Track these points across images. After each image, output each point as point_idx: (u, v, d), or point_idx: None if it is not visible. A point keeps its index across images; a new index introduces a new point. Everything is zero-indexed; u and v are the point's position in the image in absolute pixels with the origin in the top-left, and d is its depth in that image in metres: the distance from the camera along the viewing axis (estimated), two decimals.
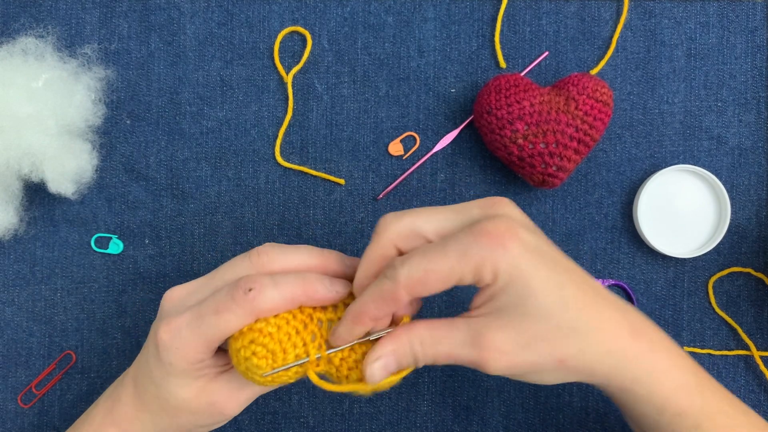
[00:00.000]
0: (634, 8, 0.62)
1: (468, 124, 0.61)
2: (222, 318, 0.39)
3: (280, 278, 0.40)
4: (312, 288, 0.40)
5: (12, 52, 0.56)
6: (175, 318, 0.41)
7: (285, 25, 0.61)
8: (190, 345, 0.40)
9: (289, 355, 0.39)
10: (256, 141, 0.61)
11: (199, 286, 0.42)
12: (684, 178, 0.61)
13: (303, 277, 0.40)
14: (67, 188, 0.57)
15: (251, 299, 0.38)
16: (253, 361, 0.39)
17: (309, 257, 0.42)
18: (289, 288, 0.39)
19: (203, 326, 0.39)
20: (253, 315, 0.39)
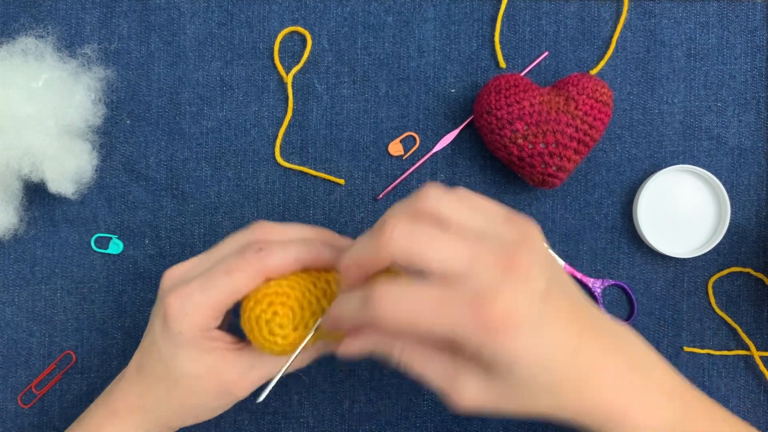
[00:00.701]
0: (634, 8, 0.62)
1: (468, 124, 0.61)
2: (233, 277, 0.40)
3: (286, 242, 0.41)
4: (316, 250, 0.41)
5: (12, 52, 0.56)
6: (184, 287, 0.41)
7: (285, 25, 0.61)
8: (201, 308, 0.40)
9: (306, 312, 0.40)
10: (256, 141, 0.61)
11: (200, 262, 0.43)
12: (684, 178, 0.61)
13: (306, 241, 0.42)
14: (67, 188, 0.57)
15: (262, 257, 0.39)
16: (275, 321, 0.40)
17: (304, 232, 0.43)
18: (296, 249, 0.41)
19: (215, 288, 0.40)
20: (263, 273, 0.40)
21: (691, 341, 0.62)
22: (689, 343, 0.62)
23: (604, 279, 0.61)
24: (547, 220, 0.61)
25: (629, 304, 0.62)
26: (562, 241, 0.61)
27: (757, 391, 0.61)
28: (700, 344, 0.62)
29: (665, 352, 0.61)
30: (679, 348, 0.61)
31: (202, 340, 0.41)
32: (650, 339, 0.61)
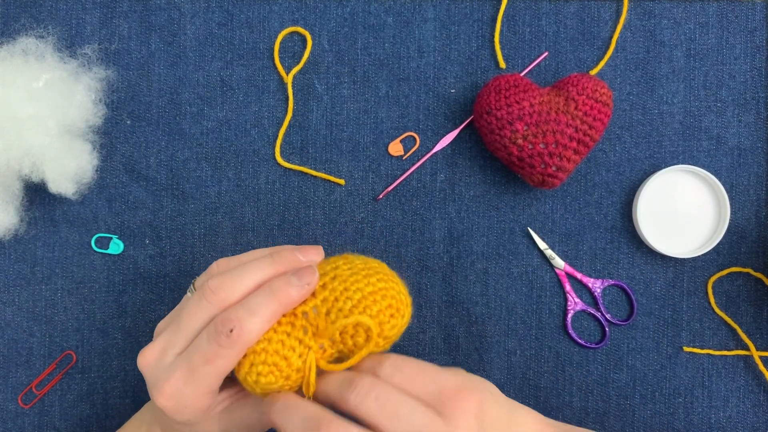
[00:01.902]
0: (634, 9, 0.62)
1: (468, 125, 0.61)
2: (215, 365, 0.39)
3: (252, 302, 0.39)
4: (285, 295, 0.39)
5: (13, 53, 0.56)
6: (167, 381, 0.40)
7: (285, 25, 0.61)
8: (196, 400, 0.40)
9: (291, 359, 0.39)
10: (256, 141, 0.61)
11: (168, 341, 0.41)
12: (683, 178, 0.61)
13: (271, 289, 0.39)
14: (67, 188, 0.57)
15: (236, 338, 0.38)
16: (261, 381, 0.39)
17: (262, 272, 0.41)
18: (265, 308, 0.39)
19: (200, 379, 0.39)
20: (243, 351, 0.39)
21: (690, 341, 0.62)
22: (689, 343, 0.62)
23: (604, 279, 0.61)
24: (547, 220, 0.62)
25: (629, 304, 0.62)
26: (562, 241, 0.61)
27: (757, 391, 0.61)
28: (700, 344, 0.62)
29: (665, 352, 0.61)
30: (678, 348, 0.61)
31: (211, 411, 0.42)
32: (650, 339, 0.61)
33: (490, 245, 0.61)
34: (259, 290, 0.40)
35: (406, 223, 0.61)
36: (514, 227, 0.62)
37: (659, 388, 0.61)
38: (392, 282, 0.42)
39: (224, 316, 0.39)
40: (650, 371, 0.61)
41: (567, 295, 0.61)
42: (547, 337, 0.61)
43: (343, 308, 0.40)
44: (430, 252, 0.61)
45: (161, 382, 0.40)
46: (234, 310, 0.39)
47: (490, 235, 0.61)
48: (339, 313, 0.40)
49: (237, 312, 0.39)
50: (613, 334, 0.61)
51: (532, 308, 0.61)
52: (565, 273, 0.61)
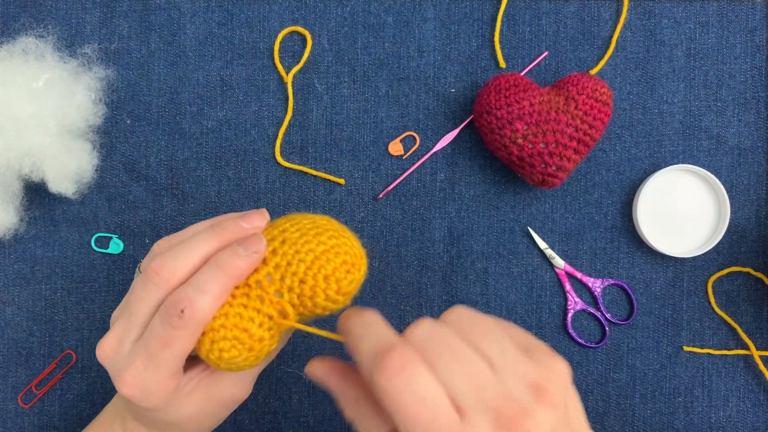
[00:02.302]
0: (634, 8, 0.62)
1: (468, 124, 0.61)
2: (173, 348, 0.38)
3: (200, 279, 0.38)
4: (233, 267, 0.38)
5: (12, 52, 0.56)
6: (128, 371, 0.39)
7: (285, 25, 0.61)
8: (160, 385, 0.39)
9: (251, 330, 0.39)
10: (256, 141, 0.61)
11: (123, 329, 0.40)
12: (683, 177, 0.61)
13: (218, 263, 0.38)
14: (67, 188, 0.57)
15: (188, 318, 0.37)
16: (225, 357, 0.39)
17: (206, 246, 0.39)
18: (214, 284, 0.38)
19: (161, 364, 0.38)
20: (199, 330, 0.38)
21: (690, 341, 0.62)
22: (689, 342, 0.62)
23: (604, 279, 0.61)
24: (547, 220, 0.62)
25: (629, 304, 0.62)
26: (562, 241, 0.61)
27: (757, 391, 0.61)
28: (700, 344, 0.62)
29: (665, 351, 0.61)
30: (678, 347, 0.61)
31: (180, 391, 0.41)
32: (650, 338, 0.61)
33: (490, 245, 0.61)
34: (206, 266, 0.38)
35: (406, 223, 0.61)
36: (514, 227, 0.62)
37: (659, 388, 0.61)
38: (344, 237, 0.41)
39: (173, 297, 0.37)
40: (650, 371, 0.61)
41: (567, 294, 0.61)
42: (547, 337, 0.61)
43: (297, 271, 0.39)
44: (430, 252, 0.61)
45: (122, 372, 0.39)
46: (182, 290, 0.38)
47: (490, 235, 0.61)
48: (293, 276, 0.39)
49: (186, 291, 0.37)
50: (613, 333, 0.62)
51: (532, 308, 0.61)
52: (565, 272, 0.61)
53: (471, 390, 0.31)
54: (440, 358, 0.32)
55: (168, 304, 0.37)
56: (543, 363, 0.33)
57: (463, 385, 0.31)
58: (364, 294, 0.61)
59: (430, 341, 0.33)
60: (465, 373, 0.32)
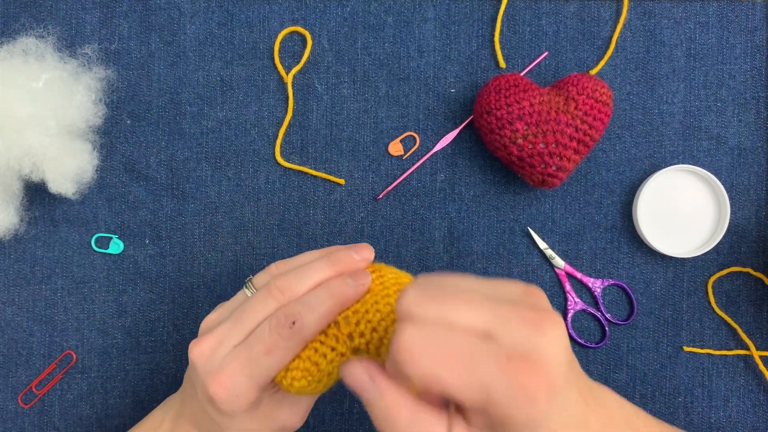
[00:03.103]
0: (634, 8, 0.62)
1: (468, 124, 0.61)
2: (275, 357, 0.40)
3: (312, 299, 0.41)
4: (341, 294, 0.41)
5: (12, 53, 0.56)
6: (224, 370, 0.41)
7: (285, 25, 0.61)
8: (249, 390, 0.41)
9: (321, 365, 0.41)
10: (256, 141, 0.61)
11: (227, 333, 0.42)
12: (683, 178, 0.61)
13: (330, 288, 0.41)
14: (67, 188, 0.57)
15: (298, 331, 0.39)
16: (295, 384, 0.41)
17: (323, 272, 0.42)
18: (323, 306, 0.40)
19: (258, 369, 0.40)
20: (302, 345, 0.40)
21: (690, 341, 0.62)
22: (689, 342, 0.62)
23: (604, 279, 0.61)
24: (547, 220, 0.62)
25: (629, 304, 0.62)
26: (562, 241, 0.61)
27: (757, 391, 0.61)
28: (700, 344, 0.62)
29: (665, 351, 0.61)
30: (678, 348, 0.61)
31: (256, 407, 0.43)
32: (650, 339, 0.61)
33: (490, 245, 0.61)
34: (318, 288, 0.41)
35: (406, 223, 0.61)
36: (514, 227, 0.62)
37: (659, 388, 0.61)
38: None
39: (287, 310, 0.40)
40: (650, 371, 0.61)
41: (567, 294, 0.61)
42: None
43: (372, 320, 0.41)
44: (430, 252, 0.61)
45: (216, 371, 0.41)
46: (295, 305, 0.40)
47: (490, 235, 0.61)
48: (368, 324, 0.41)
49: (298, 307, 0.40)
50: (613, 333, 0.62)
51: None
52: (565, 273, 0.61)
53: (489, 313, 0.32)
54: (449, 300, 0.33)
55: (280, 315, 0.40)
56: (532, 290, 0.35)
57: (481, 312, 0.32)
58: None
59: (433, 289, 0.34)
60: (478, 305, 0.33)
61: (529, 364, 0.30)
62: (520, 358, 0.30)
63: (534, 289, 0.35)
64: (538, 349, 0.31)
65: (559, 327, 0.32)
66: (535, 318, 0.32)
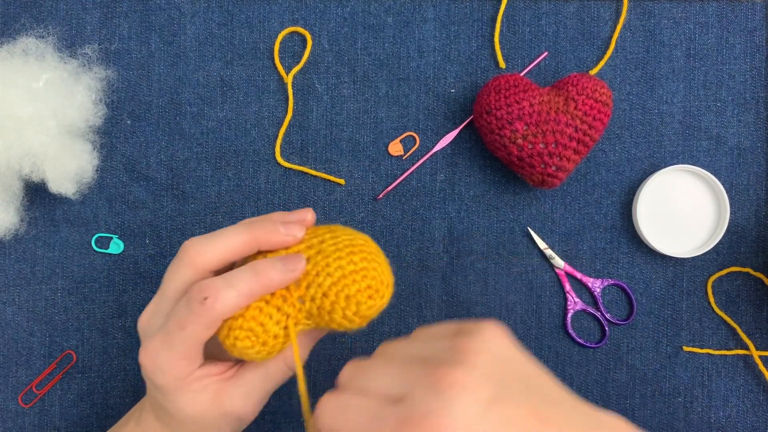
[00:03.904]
0: (634, 8, 0.62)
1: (468, 124, 0.61)
2: (188, 332, 0.39)
3: (232, 276, 0.39)
4: (266, 277, 0.40)
5: (13, 53, 0.56)
6: (150, 341, 0.41)
7: (285, 25, 0.62)
8: (171, 363, 0.40)
9: (267, 326, 0.40)
10: (256, 141, 0.61)
11: (157, 304, 0.42)
12: (683, 178, 0.61)
13: (255, 269, 0.40)
14: (67, 188, 0.57)
15: (209, 307, 0.38)
16: (238, 345, 0.40)
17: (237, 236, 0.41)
18: (244, 284, 0.39)
19: (175, 343, 0.40)
20: (216, 320, 0.39)
21: (690, 341, 0.62)
22: (689, 342, 0.62)
23: (603, 279, 0.62)
24: (547, 220, 0.62)
25: (629, 304, 0.62)
26: (562, 241, 0.62)
27: (757, 391, 0.61)
28: (700, 344, 0.62)
29: (665, 351, 0.61)
30: (678, 347, 0.61)
31: (189, 384, 0.41)
32: (650, 339, 0.61)
33: (490, 245, 0.61)
34: (243, 267, 0.40)
35: (406, 223, 0.61)
36: (514, 227, 0.62)
37: (659, 388, 0.61)
38: (375, 262, 0.42)
39: (201, 284, 0.39)
40: (650, 371, 0.61)
41: (567, 294, 0.61)
42: (546, 337, 0.61)
43: (323, 284, 0.40)
44: (430, 252, 0.61)
45: (145, 341, 0.41)
46: (215, 280, 0.39)
47: (490, 235, 0.61)
48: (318, 288, 0.40)
49: (215, 282, 0.39)
50: (613, 333, 0.62)
51: (531, 308, 0.61)
52: (565, 273, 0.61)
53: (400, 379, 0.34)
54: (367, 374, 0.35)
55: (194, 289, 0.39)
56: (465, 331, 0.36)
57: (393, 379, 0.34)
58: None
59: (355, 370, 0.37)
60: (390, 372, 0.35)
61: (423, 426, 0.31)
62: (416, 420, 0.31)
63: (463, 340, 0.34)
64: (435, 410, 0.31)
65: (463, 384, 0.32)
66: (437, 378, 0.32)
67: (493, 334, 0.36)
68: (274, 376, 0.44)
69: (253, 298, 0.40)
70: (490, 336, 0.35)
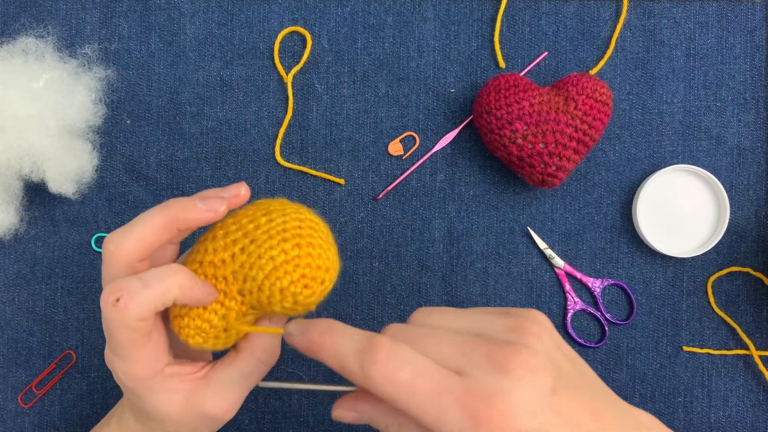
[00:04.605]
0: (634, 8, 0.62)
1: (468, 124, 0.61)
2: (114, 338, 0.37)
3: (149, 277, 0.37)
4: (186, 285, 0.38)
5: (12, 53, 0.56)
6: (106, 347, 0.40)
7: (285, 25, 0.62)
8: (126, 368, 0.39)
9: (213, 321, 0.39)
10: (256, 141, 0.61)
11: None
12: (683, 177, 0.61)
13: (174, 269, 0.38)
14: (67, 188, 0.57)
15: (122, 309, 0.36)
16: (191, 342, 0.40)
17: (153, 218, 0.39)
18: (161, 285, 0.37)
19: (117, 350, 0.38)
20: (134, 322, 0.37)
21: (690, 341, 0.62)
22: (689, 342, 0.62)
23: (603, 279, 0.62)
24: (546, 220, 0.62)
25: (629, 304, 0.62)
26: (562, 241, 0.62)
27: (757, 391, 0.61)
28: (700, 344, 0.62)
29: (665, 351, 0.61)
30: (678, 347, 0.61)
31: (158, 385, 0.40)
32: (650, 338, 0.61)
33: (489, 245, 0.61)
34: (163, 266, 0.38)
35: (406, 223, 0.61)
36: (514, 227, 0.62)
37: (659, 388, 0.61)
38: (309, 247, 0.39)
39: (112, 286, 0.36)
40: (650, 371, 0.61)
41: (567, 294, 0.61)
42: None
43: (256, 277, 0.39)
44: (430, 252, 0.61)
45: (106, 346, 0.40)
46: (125, 280, 0.37)
47: (490, 235, 0.61)
48: (253, 282, 0.39)
49: (129, 283, 0.36)
50: (613, 333, 0.62)
51: (531, 308, 0.61)
52: (565, 273, 0.61)
53: (457, 353, 0.32)
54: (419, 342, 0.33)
55: (105, 292, 0.37)
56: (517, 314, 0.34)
57: (448, 352, 0.32)
58: (363, 294, 0.61)
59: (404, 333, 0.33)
60: (446, 344, 0.32)
61: (487, 404, 0.29)
62: (484, 398, 0.30)
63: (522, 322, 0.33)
64: (500, 390, 0.30)
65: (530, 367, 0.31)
66: (502, 356, 0.31)
67: (546, 320, 0.35)
68: (247, 372, 0.42)
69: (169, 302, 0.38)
70: (545, 321, 0.34)
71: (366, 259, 0.61)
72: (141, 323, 0.37)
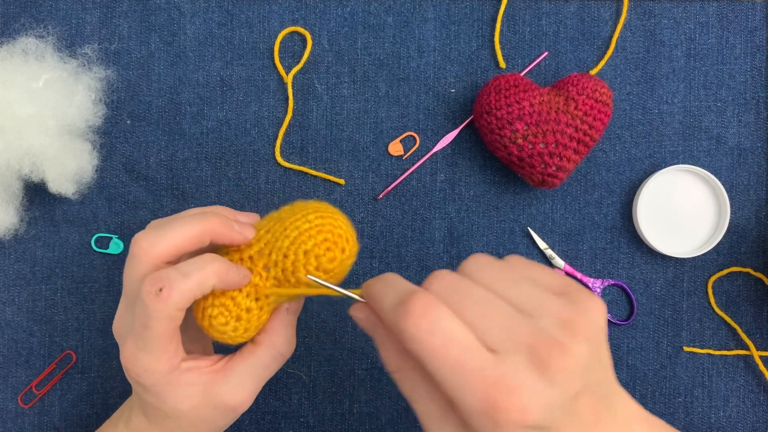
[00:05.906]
0: (634, 8, 0.62)
1: (468, 124, 0.61)
2: (154, 328, 0.38)
3: (187, 267, 0.38)
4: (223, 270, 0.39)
5: (12, 53, 0.56)
6: (125, 345, 0.40)
7: (285, 25, 0.61)
8: (151, 363, 0.39)
9: (238, 299, 0.41)
10: (256, 141, 0.61)
11: (124, 306, 0.41)
12: (683, 178, 0.61)
13: (210, 258, 0.39)
14: (67, 188, 0.57)
15: (164, 299, 0.37)
16: (214, 324, 0.41)
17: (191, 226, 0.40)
18: (199, 274, 0.38)
19: (146, 342, 0.39)
20: (175, 312, 0.38)
21: (690, 341, 0.62)
22: (689, 342, 0.62)
23: (604, 279, 0.62)
24: (547, 220, 0.62)
25: (629, 304, 0.62)
26: (562, 241, 0.62)
27: (757, 391, 0.61)
28: (700, 344, 0.62)
29: (665, 351, 0.61)
30: (678, 348, 0.61)
31: (177, 379, 0.41)
32: (650, 339, 0.61)
33: (490, 245, 0.61)
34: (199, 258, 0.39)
35: (406, 223, 0.61)
36: (514, 227, 0.62)
37: (659, 388, 0.61)
38: (330, 218, 0.42)
39: (153, 277, 0.38)
40: (650, 371, 0.61)
41: None
42: None
43: (282, 246, 0.41)
44: (430, 252, 0.61)
45: (122, 345, 0.41)
46: (165, 271, 0.38)
47: (490, 235, 0.61)
48: (279, 251, 0.41)
49: (168, 273, 0.38)
50: (613, 333, 0.62)
51: None
52: (565, 273, 0.61)
53: (500, 330, 0.31)
54: (464, 304, 0.31)
55: (146, 283, 0.38)
56: (575, 300, 0.32)
57: (491, 326, 0.31)
58: None
59: (451, 291, 0.32)
60: (491, 316, 0.31)
61: (511, 396, 0.29)
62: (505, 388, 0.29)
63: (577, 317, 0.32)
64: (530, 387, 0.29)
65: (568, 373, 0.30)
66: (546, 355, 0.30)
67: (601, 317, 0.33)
68: (266, 363, 0.43)
69: (208, 290, 0.39)
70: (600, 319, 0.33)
71: (366, 259, 0.61)
72: (180, 313, 0.38)
